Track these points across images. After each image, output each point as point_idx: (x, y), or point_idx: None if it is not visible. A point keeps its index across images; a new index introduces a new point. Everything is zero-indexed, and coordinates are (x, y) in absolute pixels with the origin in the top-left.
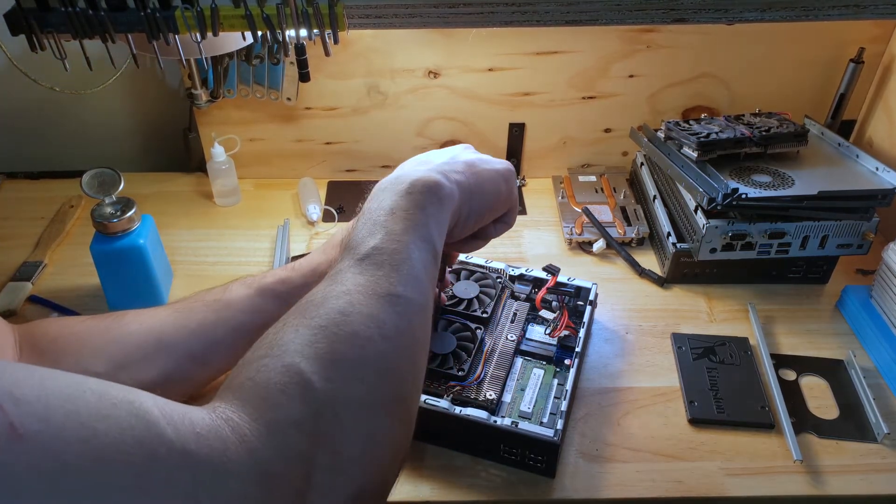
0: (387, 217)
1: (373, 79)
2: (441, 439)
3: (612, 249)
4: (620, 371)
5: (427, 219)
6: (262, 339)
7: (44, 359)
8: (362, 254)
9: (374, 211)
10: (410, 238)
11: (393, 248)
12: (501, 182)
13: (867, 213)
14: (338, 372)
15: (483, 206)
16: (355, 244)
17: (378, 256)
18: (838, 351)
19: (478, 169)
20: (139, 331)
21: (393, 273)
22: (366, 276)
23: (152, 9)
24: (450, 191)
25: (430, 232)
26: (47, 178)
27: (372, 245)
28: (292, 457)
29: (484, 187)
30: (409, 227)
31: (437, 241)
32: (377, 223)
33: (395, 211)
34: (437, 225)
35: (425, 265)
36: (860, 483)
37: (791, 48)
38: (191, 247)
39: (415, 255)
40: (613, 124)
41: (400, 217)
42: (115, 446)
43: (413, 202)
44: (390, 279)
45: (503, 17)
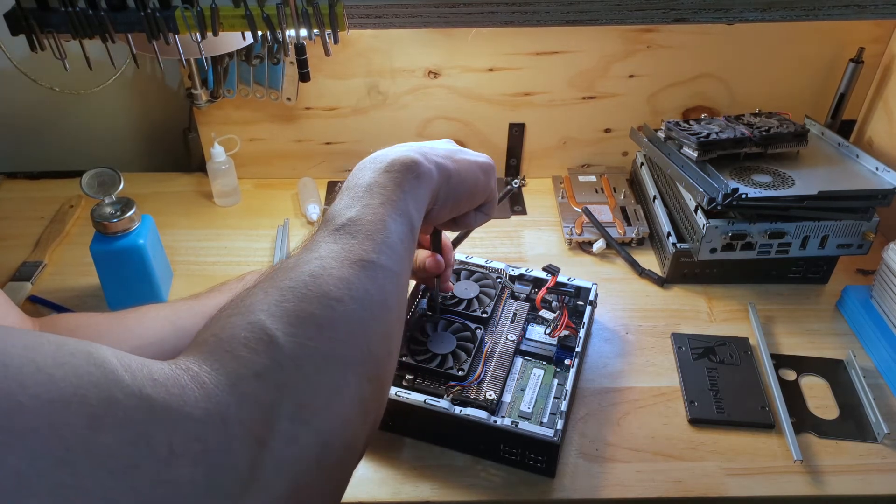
0: (364, 192)
1: (373, 79)
2: (441, 439)
3: (612, 249)
4: (620, 371)
5: (405, 195)
6: (233, 300)
7: None
8: (338, 224)
9: (353, 187)
10: (387, 211)
11: (369, 219)
12: (480, 172)
13: (867, 213)
14: (304, 328)
15: (461, 191)
16: (332, 216)
17: (353, 227)
18: (838, 351)
19: (457, 157)
20: (156, 317)
21: (367, 241)
22: (339, 244)
23: (152, 9)
24: (428, 170)
25: (408, 207)
26: (47, 178)
27: (348, 217)
28: (253, 404)
29: (462, 174)
30: (387, 201)
31: (415, 217)
32: (355, 197)
33: (373, 187)
34: (414, 202)
35: (401, 237)
36: (860, 483)
37: (791, 48)
38: (191, 247)
39: (391, 227)
40: (613, 124)
41: (377, 192)
42: (72, 389)
43: (391, 179)
44: (364, 246)
45: (503, 17)
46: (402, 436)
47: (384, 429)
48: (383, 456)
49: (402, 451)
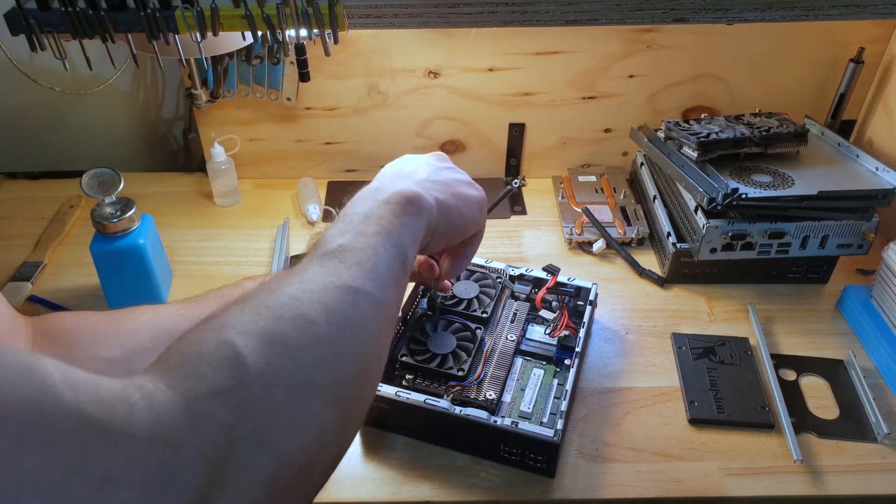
0: (361, 220)
1: (373, 79)
2: (441, 439)
3: (612, 249)
4: (620, 371)
5: (402, 227)
6: (209, 315)
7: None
8: (328, 249)
9: (350, 215)
10: (380, 241)
11: (360, 247)
12: (476, 207)
13: (867, 213)
14: (273, 349)
15: (457, 224)
16: (324, 241)
17: (343, 253)
18: (838, 351)
19: (456, 191)
20: (151, 321)
21: (355, 268)
22: (326, 269)
23: (152, 9)
24: (428, 205)
25: (403, 239)
26: (47, 178)
27: (340, 243)
28: (209, 425)
29: (460, 208)
30: (382, 231)
31: (409, 250)
32: (350, 224)
33: (370, 216)
34: (411, 234)
35: (391, 267)
36: (860, 483)
37: (791, 48)
38: (191, 247)
39: (382, 256)
40: (613, 124)
41: (374, 222)
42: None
43: (390, 211)
44: (351, 272)
45: (503, 17)
46: (402, 436)
47: (384, 429)
48: (383, 456)
49: (403, 451)
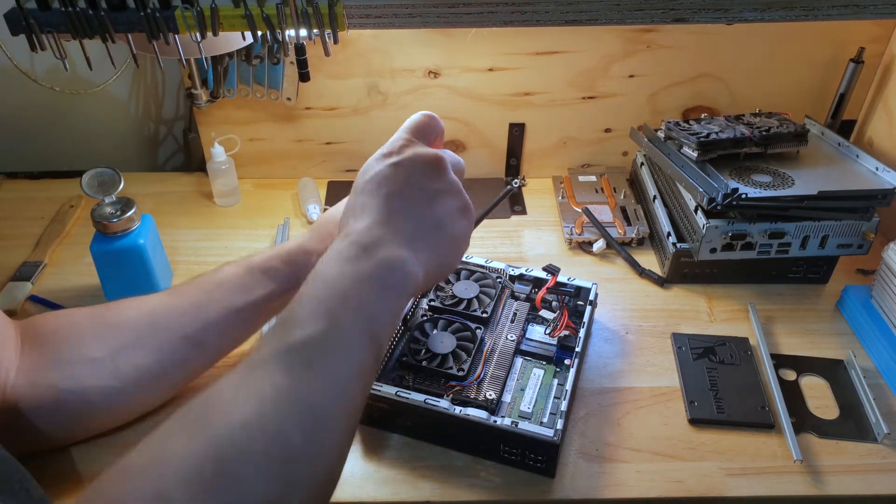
0: (339, 303)
1: (373, 79)
2: (441, 439)
3: (612, 249)
4: (620, 371)
5: (383, 308)
6: (152, 437)
7: (44, 351)
8: (295, 341)
9: (328, 284)
10: (357, 335)
11: (332, 343)
12: (463, 244)
13: (867, 213)
14: (215, 496)
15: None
16: (293, 321)
17: (313, 350)
18: (838, 351)
19: (446, 235)
20: (134, 315)
21: (320, 378)
22: (289, 378)
23: (152, 9)
24: (415, 276)
25: (382, 327)
26: (47, 178)
27: (310, 333)
28: None
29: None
30: (360, 319)
31: (385, 338)
32: (324, 301)
33: (350, 295)
34: (390, 318)
35: (362, 371)
36: (860, 483)
37: (791, 48)
38: (191, 247)
39: (354, 358)
40: (613, 124)
41: (352, 304)
42: None
43: (373, 288)
44: (315, 386)
45: (503, 17)
46: (402, 436)
47: (384, 429)
48: (383, 456)
49: (403, 451)
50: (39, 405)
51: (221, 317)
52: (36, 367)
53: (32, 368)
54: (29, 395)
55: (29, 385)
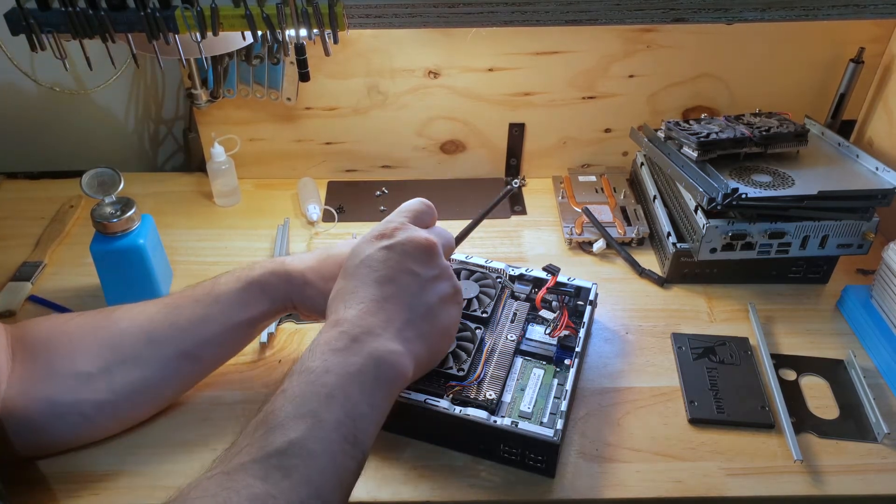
0: (323, 401)
1: (373, 79)
2: (441, 439)
3: (612, 249)
4: (620, 371)
5: (368, 410)
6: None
7: (36, 361)
8: (275, 446)
9: (312, 380)
10: (339, 439)
11: (314, 450)
12: (454, 330)
13: (867, 213)
14: None
15: (430, 366)
16: (274, 423)
17: (293, 459)
18: (838, 351)
19: (437, 324)
20: (129, 329)
21: (299, 487)
22: (265, 486)
23: (152, 8)
24: (404, 371)
25: (367, 430)
26: (47, 178)
27: (290, 438)
28: None
29: (436, 349)
30: (344, 421)
31: (369, 442)
32: (309, 400)
33: (335, 394)
34: (376, 419)
35: (343, 479)
36: (860, 483)
37: (791, 48)
38: (191, 247)
39: (337, 463)
40: (613, 124)
41: (339, 404)
42: None
43: (359, 385)
44: (293, 496)
45: (503, 17)
46: (402, 436)
47: (384, 429)
48: (383, 456)
49: (403, 451)
50: (32, 416)
51: (219, 333)
52: (28, 377)
53: (25, 379)
54: (22, 406)
55: (22, 396)
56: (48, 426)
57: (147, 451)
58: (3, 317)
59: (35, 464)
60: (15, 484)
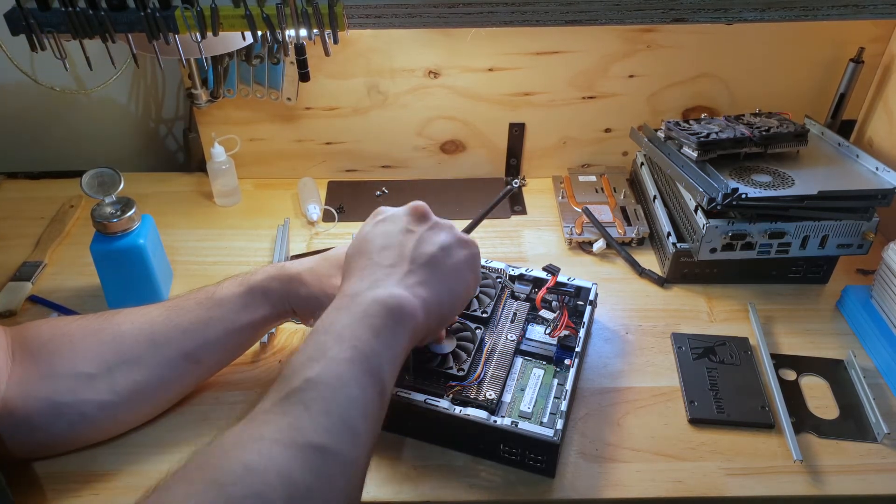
0: (334, 342)
1: (373, 79)
2: (441, 439)
3: (612, 249)
4: (620, 371)
5: (381, 347)
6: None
7: (37, 362)
8: (293, 387)
9: (323, 332)
10: (354, 371)
11: (330, 382)
12: (467, 271)
13: (867, 213)
14: None
15: (449, 312)
16: (290, 372)
17: (310, 392)
18: (838, 351)
19: (444, 268)
20: (131, 331)
21: (320, 416)
22: (287, 419)
23: (152, 9)
24: (412, 311)
25: (381, 364)
26: (47, 178)
27: (306, 377)
28: None
29: (451, 297)
30: (357, 356)
31: (388, 375)
32: (321, 347)
33: (345, 336)
34: (391, 355)
35: (366, 406)
36: (860, 483)
37: (791, 48)
38: (191, 247)
39: (355, 394)
40: (613, 124)
41: (349, 345)
42: None
43: (368, 326)
44: (315, 425)
45: (503, 17)
46: (402, 436)
47: (384, 429)
48: (383, 456)
49: (402, 451)
50: (32, 416)
51: (221, 336)
52: (29, 378)
53: (25, 379)
54: (22, 406)
55: (22, 396)
56: (48, 426)
57: (147, 451)
58: (3, 317)
59: (35, 463)
60: (15, 484)
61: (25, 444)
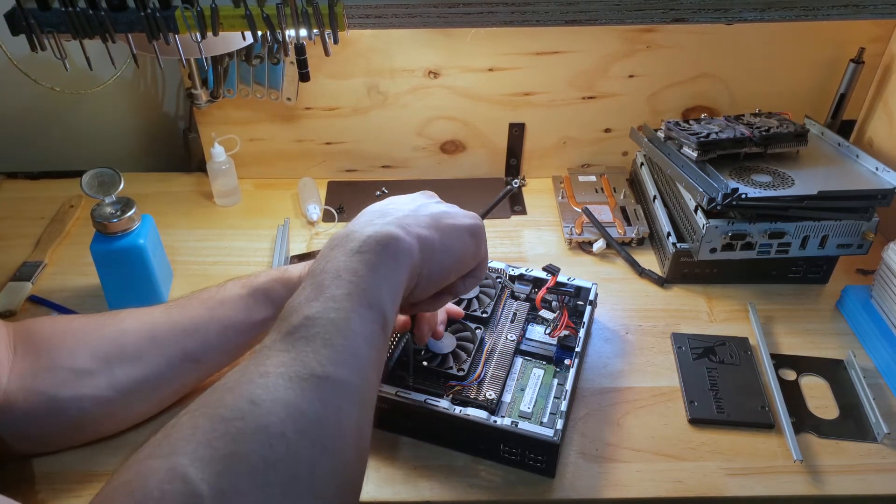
0: (331, 280)
1: (373, 79)
2: (441, 439)
3: (612, 249)
4: (620, 371)
5: (378, 281)
6: (164, 428)
7: (39, 356)
8: (293, 325)
9: (319, 273)
10: (353, 305)
11: (330, 317)
12: (468, 237)
13: (867, 213)
14: (235, 478)
15: (448, 262)
16: (289, 312)
17: (310, 328)
18: (838, 351)
19: (443, 223)
20: (133, 328)
21: (324, 348)
22: (291, 354)
23: (152, 9)
24: (408, 246)
25: (381, 296)
26: (47, 178)
27: (306, 314)
28: None
29: (449, 243)
30: (355, 291)
31: (389, 307)
32: (318, 287)
33: (341, 273)
34: (390, 288)
35: (368, 338)
36: (860, 483)
37: (791, 48)
38: (191, 247)
39: (356, 326)
40: (613, 124)
41: (345, 280)
42: None
43: (363, 262)
44: (319, 356)
45: (503, 17)
46: (402, 436)
47: (384, 429)
48: (383, 456)
49: (402, 451)
50: (32, 410)
51: (221, 336)
52: (29, 372)
53: (26, 374)
54: (23, 400)
55: (23, 390)
56: (47, 421)
57: None
58: (3, 317)
59: (34, 463)
60: (14, 483)
61: (25, 439)
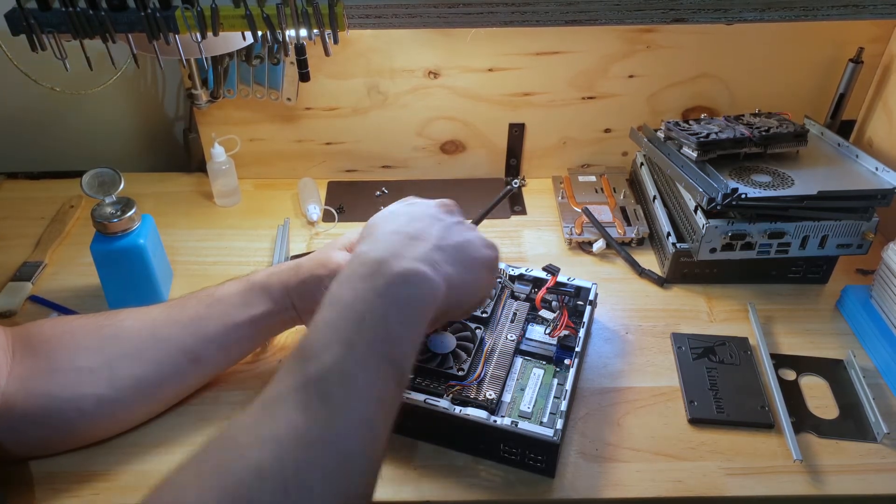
0: (355, 325)
1: (373, 79)
2: (441, 439)
3: (612, 249)
4: (620, 371)
5: (403, 331)
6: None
7: (37, 359)
8: (312, 374)
9: (342, 307)
10: (376, 362)
11: (351, 371)
12: (486, 271)
13: (867, 213)
14: None
15: (466, 299)
16: (308, 353)
17: (328, 384)
18: (838, 351)
19: (467, 256)
20: (133, 325)
21: (340, 413)
22: (305, 415)
23: (152, 9)
24: (436, 288)
25: (404, 350)
26: (47, 178)
27: (325, 363)
28: None
29: (470, 279)
30: (377, 342)
31: (409, 363)
32: (341, 329)
33: (366, 317)
34: (412, 338)
35: (384, 400)
36: (860, 483)
37: (791, 48)
38: (191, 247)
39: (375, 386)
40: (613, 124)
41: (369, 327)
42: None
43: (391, 305)
44: (335, 422)
45: (503, 17)
46: (401, 435)
47: None
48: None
49: (402, 451)
50: (32, 412)
51: (221, 332)
52: (29, 374)
53: (25, 375)
54: (21, 402)
55: (22, 391)
56: (47, 422)
57: (146, 451)
58: (3, 317)
59: (33, 464)
60: (14, 483)
61: (24, 441)
